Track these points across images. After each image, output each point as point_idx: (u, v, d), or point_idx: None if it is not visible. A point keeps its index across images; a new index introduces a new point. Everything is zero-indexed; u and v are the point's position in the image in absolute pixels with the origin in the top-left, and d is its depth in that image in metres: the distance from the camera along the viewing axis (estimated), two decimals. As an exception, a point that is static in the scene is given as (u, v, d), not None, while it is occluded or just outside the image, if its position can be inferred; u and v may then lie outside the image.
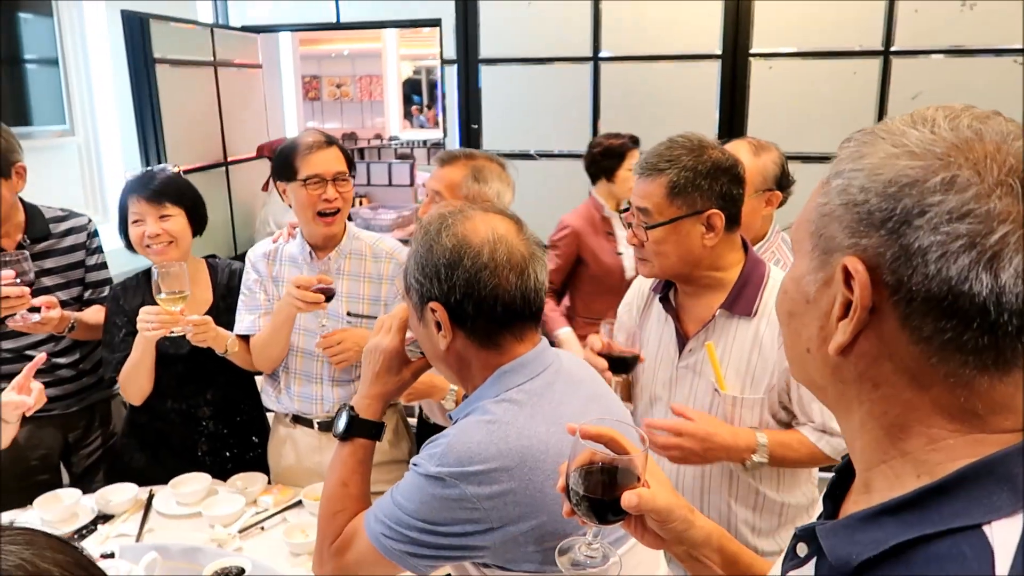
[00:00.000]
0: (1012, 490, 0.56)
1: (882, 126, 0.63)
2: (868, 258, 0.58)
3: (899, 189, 0.57)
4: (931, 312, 0.56)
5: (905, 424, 0.61)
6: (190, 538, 1.81)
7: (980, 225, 0.54)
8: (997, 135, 0.58)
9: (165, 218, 2.06)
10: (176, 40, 3.67)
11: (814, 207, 0.65)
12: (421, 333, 1.23)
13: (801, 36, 3.51)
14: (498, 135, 4.00)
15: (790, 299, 0.68)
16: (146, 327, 1.93)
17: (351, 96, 14.07)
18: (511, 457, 1.08)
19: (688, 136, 1.55)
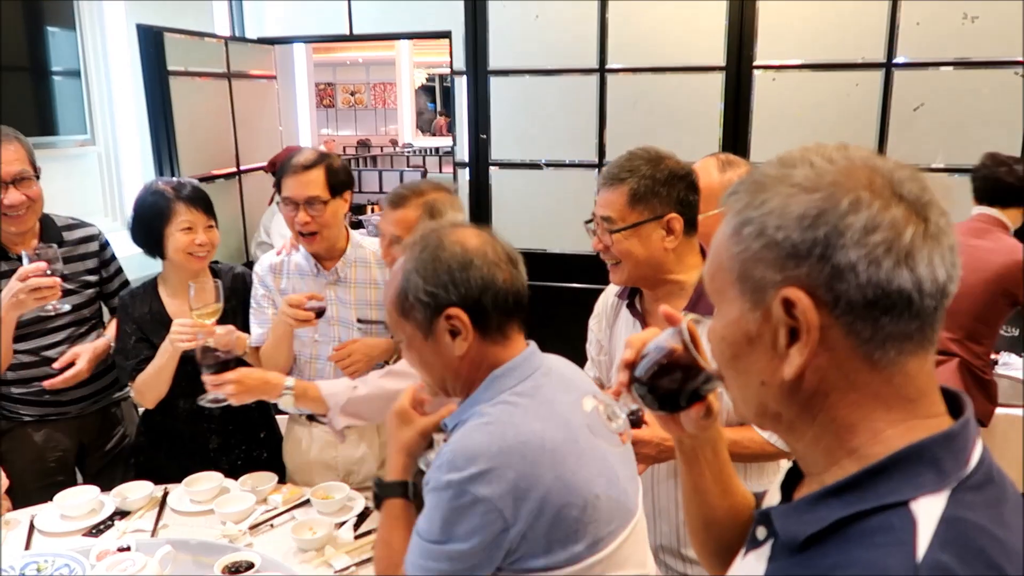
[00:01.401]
0: (937, 471, 0.64)
1: (761, 174, 0.70)
2: (804, 285, 0.65)
3: (814, 220, 0.64)
4: (869, 314, 0.64)
5: (852, 424, 0.68)
6: (202, 534, 1.87)
7: (890, 232, 0.63)
8: (862, 160, 0.67)
9: (210, 228, 2.17)
10: (190, 53, 3.77)
11: (730, 256, 0.70)
12: (426, 351, 1.26)
13: (804, 48, 3.56)
14: (506, 145, 4.07)
15: (729, 344, 0.73)
16: (179, 338, 2.02)
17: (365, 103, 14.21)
18: (512, 454, 1.13)
19: (647, 148, 1.66)
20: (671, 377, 0.87)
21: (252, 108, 4.29)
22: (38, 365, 2.23)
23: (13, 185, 2.08)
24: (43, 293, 1.96)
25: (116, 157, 3.68)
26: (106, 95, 3.61)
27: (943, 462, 0.65)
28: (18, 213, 2.10)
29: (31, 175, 2.12)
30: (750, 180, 0.70)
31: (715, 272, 0.73)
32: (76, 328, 2.30)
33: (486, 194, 4.15)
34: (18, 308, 1.98)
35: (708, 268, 0.75)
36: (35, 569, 1.69)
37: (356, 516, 1.95)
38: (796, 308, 0.65)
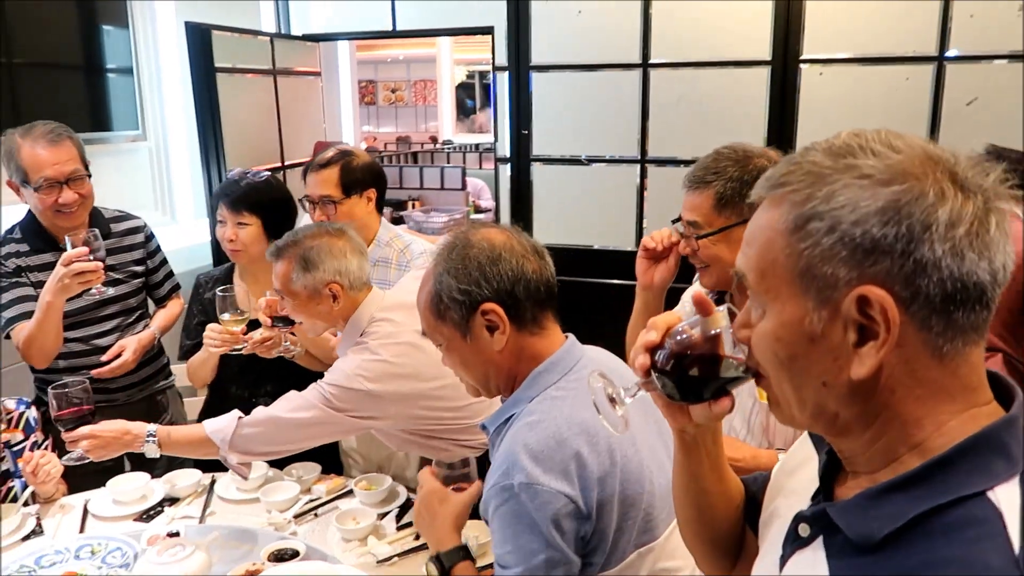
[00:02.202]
0: (1007, 458, 0.63)
1: (815, 164, 0.66)
2: (881, 282, 0.62)
3: (896, 212, 0.62)
4: (945, 308, 0.62)
5: (918, 418, 0.66)
6: (248, 521, 1.91)
7: (973, 224, 0.61)
8: (922, 147, 0.65)
9: (241, 225, 2.24)
10: (237, 50, 3.84)
11: (792, 254, 0.66)
12: (466, 351, 1.27)
13: (853, 41, 3.48)
14: (548, 140, 4.06)
15: (786, 344, 0.68)
16: (211, 343, 2.10)
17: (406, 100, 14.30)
18: (568, 445, 1.14)
19: (733, 147, 1.58)
20: (701, 367, 0.80)
21: (296, 104, 4.35)
22: (88, 354, 2.30)
23: (67, 184, 2.14)
24: (87, 277, 2.02)
25: (166, 152, 3.77)
26: (157, 92, 3.69)
27: (1011, 448, 0.64)
28: (71, 210, 2.17)
29: (83, 174, 2.18)
30: (802, 171, 0.67)
31: (765, 269, 0.69)
32: (124, 318, 2.37)
33: (527, 190, 4.15)
34: (64, 292, 2.05)
35: (753, 265, 0.70)
36: (89, 552, 1.75)
37: (398, 507, 1.97)
38: (871, 307, 0.62)
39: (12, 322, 2.17)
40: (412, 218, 6.85)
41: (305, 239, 1.86)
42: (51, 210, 2.16)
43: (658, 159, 3.88)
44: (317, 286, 1.82)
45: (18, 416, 2.07)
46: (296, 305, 1.86)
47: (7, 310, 2.18)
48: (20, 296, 2.18)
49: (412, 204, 7.68)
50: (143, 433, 1.83)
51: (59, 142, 2.14)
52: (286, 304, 1.88)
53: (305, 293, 1.83)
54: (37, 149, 2.11)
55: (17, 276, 2.21)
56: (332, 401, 1.73)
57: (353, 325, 1.85)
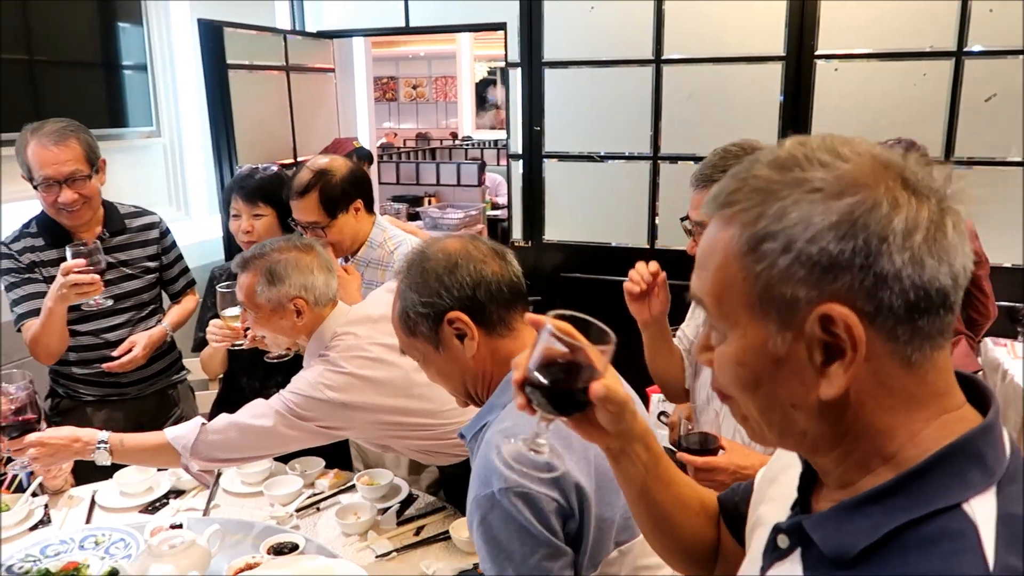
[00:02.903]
0: (982, 467, 0.62)
1: (761, 180, 0.63)
2: (843, 298, 0.60)
3: (852, 226, 0.59)
4: (910, 317, 0.60)
5: (889, 429, 0.64)
6: (251, 514, 1.93)
7: (931, 229, 0.60)
8: (871, 153, 0.63)
9: (257, 217, 2.26)
10: (250, 46, 3.87)
11: (747, 277, 0.63)
12: (441, 362, 1.28)
13: (869, 36, 3.44)
14: (560, 137, 4.06)
15: (750, 368, 0.66)
16: (213, 339, 2.12)
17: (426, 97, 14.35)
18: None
19: (741, 144, 1.55)
20: (557, 379, 0.84)
21: (310, 101, 4.38)
22: (99, 348, 2.33)
23: (66, 185, 2.16)
24: (83, 289, 2.04)
25: (180, 148, 3.81)
26: (171, 88, 3.73)
27: (986, 457, 0.62)
28: (72, 210, 2.19)
29: (84, 175, 2.18)
30: (750, 187, 0.64)
31: (722, 294, 0.66)
32: (136, 312, 2.39)
33: (539, 186, 4.15)
34: (63, 301, 2.08)
35: (708, 289, 0.67)
36: (93, 542, 1.77)
37: (399, 503, 1.97)
38: (835, 324, 0.60)
39: (23, 318, 2.21)
40: (428, 214, 6.86)
41: (272, 252, 1.84)
42: (52, 208, 2.19)
43: (670, 155, 3.86)
44: (282, 300, 1.81)
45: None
46: (258, 318, 1.85)
47: (19, 306, 2.22)
48: (32, 293, 2.21)
49: (428, 200, 7.70)
50: (93, 440, 1.77)
51: (63, 141, 2.14)
52: (248, 317, 1.87)
53: (269, 307, 1.82)
54: (40, 147, 2.13)
55: (31, 272, 2.24)
56: (295, 409, 1.73)
57: (317, 339, 1.85)
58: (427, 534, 1.85)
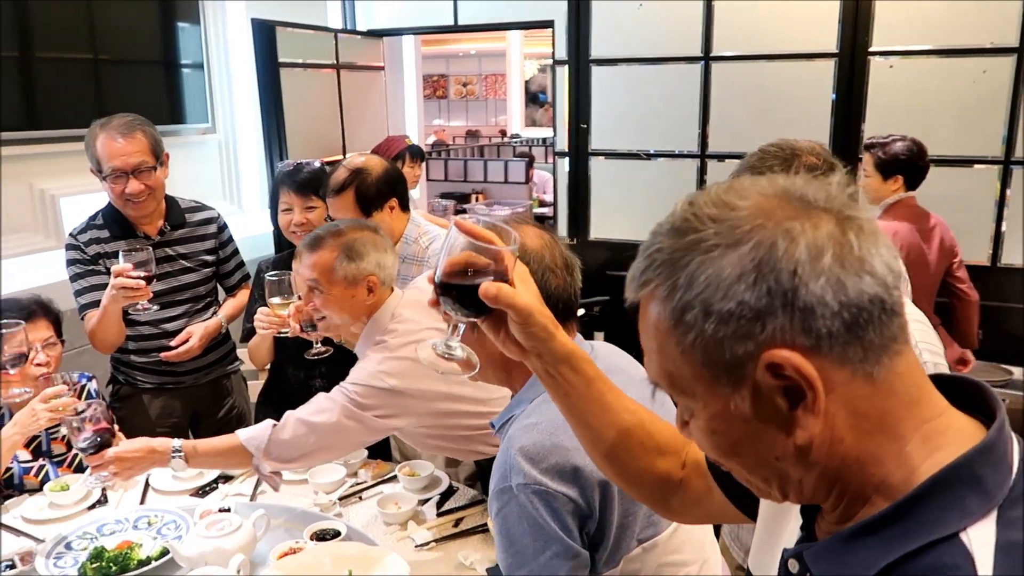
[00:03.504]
0: (980, 491, 0.59)
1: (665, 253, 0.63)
2: (782, 341, 0.59)
3: (757, 270, 0.59)
4: (855, 335, 0.59)
5: (875, 455, 0.62)
6: (296, 501, 1.98)
7: (836, 246, 0.59)
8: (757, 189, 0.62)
9: (310, 209, 2.32)
10: (301, 45, 3.95)
11: (683, 351, 0.63)
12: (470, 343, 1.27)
13: (926, 32, 3.34)
14: (606, 135, 4.05)
15: (724, 435, 0.65)
16: (260, 326, 2.17)
17: (476, 94, 14.40)
18: (565, 446, 1.13)
19: (780, 144, 1.53)
20: (462, 276, 0.85)
21: (360, 98, 4.45)
22: (157, 337, 2.41)
23: (133, 176, 2.24)
24: (130, 293, 2.10)
25: (234, 145, 3.91)
26: (226, 86, 3.84)
27: (985, 480, 0.59)
28: (138, 200, 2.27)
29: (150, 166, 2.26)
30: (656, 263, 0.63)
31: (671, 373, 0.65)
32: (193, 304, 2.47)
33: (585, 183, 4.14)
34: (115, 302, 2.15)
35: (658, 372, 0.67)
36: (146, 522, 1.85)
37: (439, 494, 2.00)
38: (784, 368, 0.59)
39: (85, 308, 2.30)
40: (475, 211, 6.91)
41: (348, 230, 1.88)
42: (120, 199, 2.27)
43: (719, 154, 3.82)
44: (358, 276, 1.84)
45: (80, 388, 2.19)
46: (330, 297, 1.86)
47: (82, 296, 2.31)
48: (95, 284, 2.30)
49: (476, 197, 7.75)
50: (168, 450, 1.76)
51: (131, 134, 2.24)
52: (317, 297, 1.88)
53: (344, 283, 1.84)
54: (109, 140, 2.22)
55: (95, 263, 2.33)
56: (356, 399, 1.75)
57: (375, 323, 1.88)
58: (466, 526, 1.87)
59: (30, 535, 1.85)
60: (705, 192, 0.65)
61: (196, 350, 2.40)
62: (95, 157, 2.24)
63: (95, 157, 2.24)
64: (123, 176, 2.23)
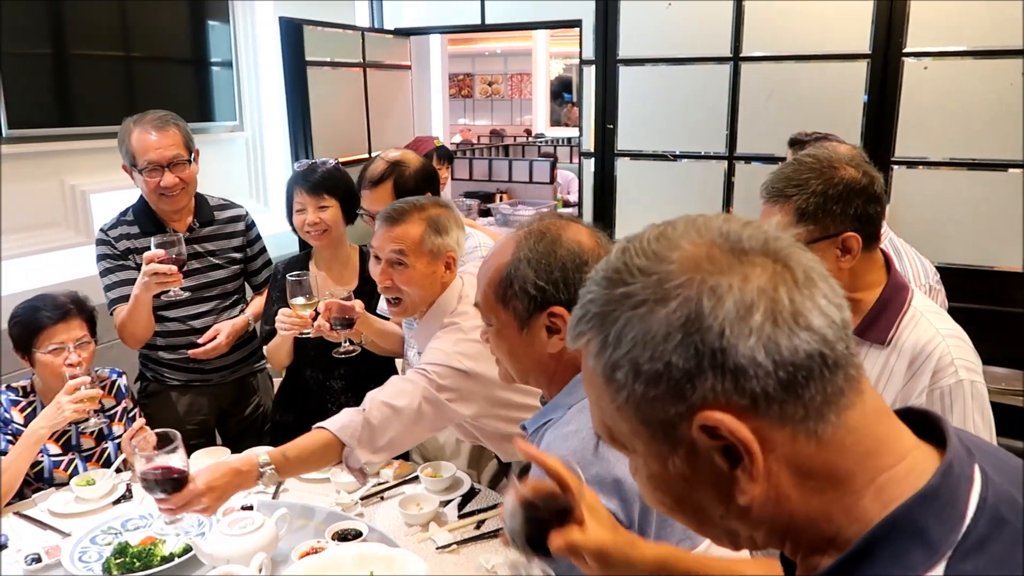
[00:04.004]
0: (924, 544, 0.55)
1: (600, 303, 0.61)
2: (714, 402, 0.56)
3: (683, 331, 0.56)
4: (792, 394, 0.56)
5: (824, 511, 0.59)
6: (318, 500, 1.98)
7: (766, 302, 0.55)
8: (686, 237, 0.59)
9: (323, 208, 2.30)
10: (329, 43, 3.97)
11: (618, 408, 0.61)
12: (518, 342, 1.23)
13: (963, 33, 3.26)
14: (633, 135, 4.01)
15: (666, 492, 0.63)
16: (281, 327, 2.16)
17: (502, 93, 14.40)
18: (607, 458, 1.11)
19: (817, 156, 1.48)
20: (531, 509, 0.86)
21: (386, 97, 4.46)
22: (185, 334, 2.43)
23: (168, 169, 2.26)
24: (162, 279, 2.12)
25: (261, 142, 3.94)
26: (254, 84, 3.86)
27: (928, 531, 0.55)
28: (172, 194, 2.30)
29: (185, 159, 2.30)
30: (591, 314, 0.61)
31: (610, 427, 0.63)
32: (221, 301, 2.49)
33: (611, 184, 4.11)
34: (147, 290, 2.17)
35: (598, 425, 0.65)
36: (170, 518, 1.86)
37: (461, 496, 1.99)
38: (720, 429, 0.56)
39: (114, 303, 2.32)
40: (499, 211, 6.89)
41: (429, 205, 1.85)
42: (155, 193, 2.29)
43: (747, 156, 3.77)
44: (442, 251, 1.81)
45: (111, 384, 2.21)
46: (414, 271, 1.81)
47: (112, 291, 2.34)
48: (125, 280, 2.32)
49: (500, 196, 7.74)
50: (255, 467, 1.59)
51: (165, 128, 2.27)
52: (398, 272, 1.81)
53: (429, 256, 1.80)
54: (144, 134, 2.25)
55: (124, 259, 2.35)
56: (435, 380, 1.70)
57: (442, 304, 1.85)
58: (488, 528, 1.86)
59: (56, 528, 1.86)
60: (639, 238, 0.62)
61: (223, 348, 2.41)
62: (130, 152, 2.26)
63: (130, 152, 2.26)
64: (159, 169, 2.25)
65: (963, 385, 1.40)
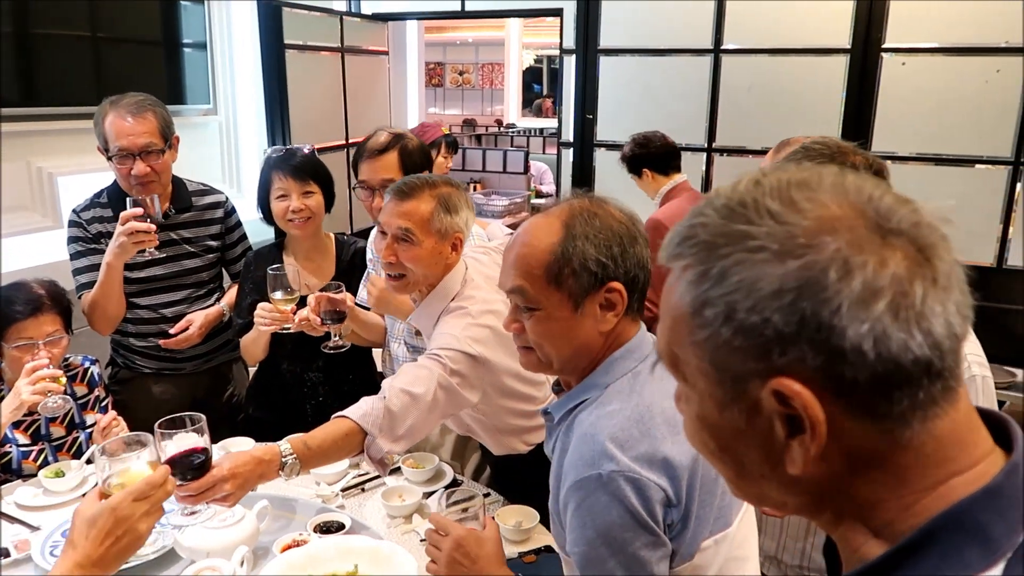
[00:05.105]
0: (983, 542, 0.52)
1: (711, 230, 0.56)
2: (797, 373, 0.52)
3: (796, 296, 0.51)
4: (881, 391, 0.52)
5: (878, 501, 0.56)
6: (298, 492, 1.94)
7: (895, 294, 0.51)
8: (835, 195, 0.54)
9: (308, 195, 2.22)
10: (307, 27, 3.90)
11: (695, 342, 0.57)
12: (568, 324, 1.19)
13: (940, 30, 3.31)
14: (612, 125, 4.00)
15: (713, 436, 0.61)
16: (261, 322, 2.08)
17: (473, 83, 14.34)
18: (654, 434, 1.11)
19: (825, 142, 1.47)
20: None
21: (363, 83, 4.39)
22: (156, 322, 2.36)
23: (140, 157, 2.18)
24: (140, 237, 2.07)
25: (235, 127, 3.85)
26: (229, 67, 3.77)
27: (988, 529, 0.52)
28: (144, 182, 2.22)
29: (158, 148, 2.21)
30: (699, 239, 0.56)
31: (677, 356, 0.60)
32: (195, 290, 2.42)
33: (590, 175, 4.10)
34: (122, 254, 2.10)
35: (664, 347, 0.62)
36: (145, 511, 1.80)
37: (444, 487, 1.97)
38: (792, 400, 0.53)
39: (83, 288, 2.24)
40: (473, 200, 6.86)
41: (440, 183, 1.78)
42: (126, 180, 2.22)
43: (726, 148, 3.79)
44: (450, 231, 1.76)
45: (83, 371, 2.14)
46: (421, 249, 1.75)
47: (82, 275, 2.26)
48: (95, 264, 2.24)
49: (474, 186, 7.70)
50: (277, 457, 1.52)
51: (141, 114, 2.18)
52: (405, 249, 1.75)
53: (437, 235, 1.75)
54: (118, 119, 2.16)
55: (96, 242, 2.28)
56: (448, 365, 1.66)
57: (445, 286, 1.80)
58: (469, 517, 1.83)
59: (25, 522, 1.80)
60: (778, 175, 0.57)
61: (196, 339, 2.35)
62: (103, 135, 2.19)
63: (103, 135, 2.19)
64: (129, 157, 2.18)
65: (975, 381, 1.39)
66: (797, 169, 0.57)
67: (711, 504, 1.15)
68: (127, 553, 1.16)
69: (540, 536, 1.74)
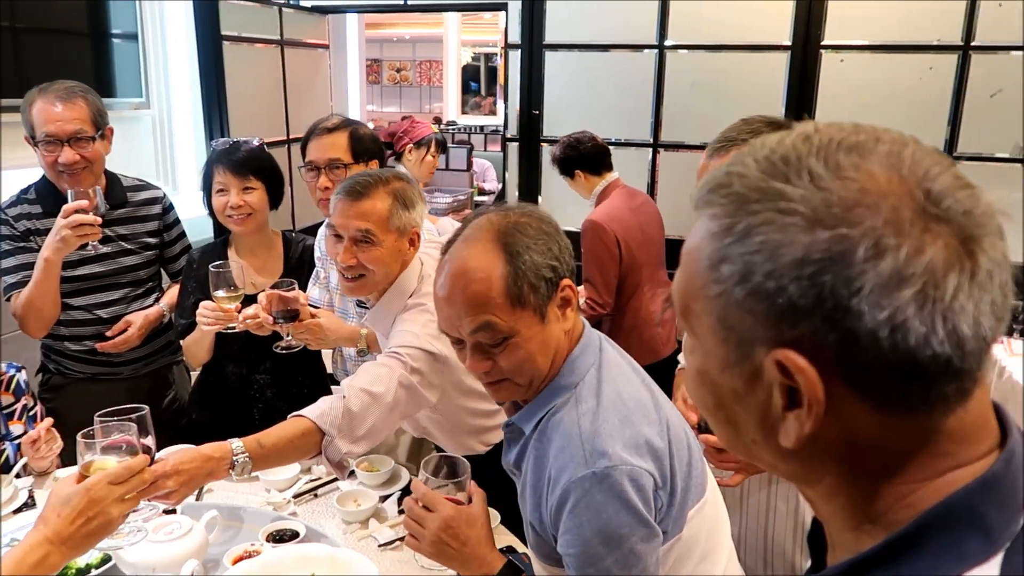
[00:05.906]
0: (983, 532, 0.51)
1: (746, 183, 0.53)
2: (805, 348, 0.50)
3: (818, 269, 0.48)
4: (893, 381, 0.49)
5: (874, 489, 0.54)
6: (247, 501, 1.86)
7: (924, 284, 0.47)
8: (884, 165, 0.50)
9: (248, 190, 2.13)
10: (245, 18, 3.78)
11: (708, 296, 0.55)
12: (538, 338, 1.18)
13: (876, 28, 3.41)
14: (558, 121, 3.99)
15: (710, 391, 0.59)
16: (204, 322, 1.99)
17: (410, 80, 14.21)
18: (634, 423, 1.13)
19: (763, 116, 1.52)
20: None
21: (304, 77, 4.28)
22: (91, 324, 2.24)
23: (68, 144, 2.08)
24: (84, 230, 1.97)
25: (170, 121, 3.71)
26: (162, 59, 3.63)
27: (987, 519, 0.51)
28: (73, 172, 2.11)
29: (88, 135, 2.11)
30: (732, 190, 0.53)
31: (688, 306, 0.58)
32: (132, 289, 2.31)
33: (536, 172, 4.08)
34: (63, 247, 1.99)
35: (677, 295, 0.59)
36: (82, 526, 1.70)
37: (400, 490, 1.92)
38: (795, 373, 0.51)
39: (12, 288, 2.12)
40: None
41: (391, 179, 1.73)
42: (53, 169, 2.10)
43: (671, 143, 3.82)
44: (408, 227, 1.71)
45: (8, 379, 2.01)
46: (382, 249, 1.69)
47: (10, 275, 2.13)
48: (25, 263, 2.12)
49: (417, 184, 7.62)
50: (228, 454, 1.44)
51: (71, 100, 2.08)
52: (364, 250, 1.68)
53: (396, 233, 1.70)
54: (46, 105, 2.06)
55: (25, 240, 2.16)
56: (409, 362, 1.62)
57: (401, 284, 1.76)
58: (431, 523, 1.79)
59: (-52, 543, 1.68)
60: (832, 132, 0.53)
61: (135, 341, 2.24)
62: (29, 122, 2.07)
63: (29, 122, 2.07)
64: (57, 144, 2.06)
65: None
66: (855, 128, 0.53)
67: (691, 475, 1.18)
68: (97, 536, 1.17)
69: (501, 536, 1.71)
